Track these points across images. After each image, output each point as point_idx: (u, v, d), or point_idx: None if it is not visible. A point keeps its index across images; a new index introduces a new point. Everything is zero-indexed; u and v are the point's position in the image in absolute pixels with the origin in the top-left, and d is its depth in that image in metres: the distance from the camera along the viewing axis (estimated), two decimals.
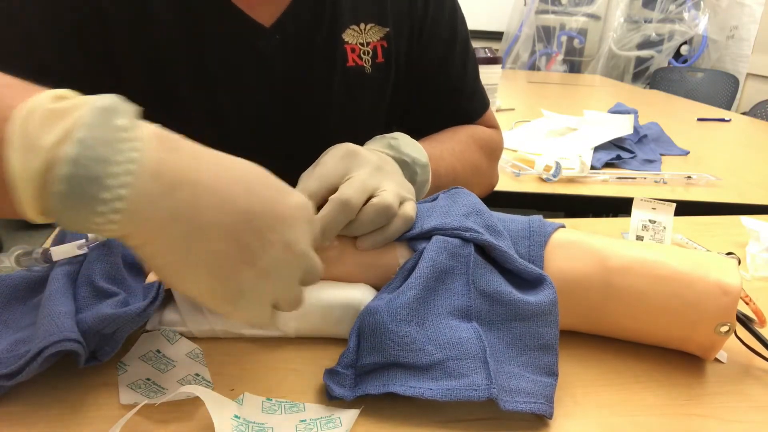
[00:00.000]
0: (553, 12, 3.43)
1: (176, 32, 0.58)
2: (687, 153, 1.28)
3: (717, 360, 0.47)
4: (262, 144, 0.64)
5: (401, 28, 0.68)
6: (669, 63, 3.28)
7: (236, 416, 0.36)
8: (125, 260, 0.45)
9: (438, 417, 0.39)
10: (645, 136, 1.28)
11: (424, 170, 0.58)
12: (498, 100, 1.63)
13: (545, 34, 3.46)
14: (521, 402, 0.38)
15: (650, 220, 0.68)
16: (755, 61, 3.03)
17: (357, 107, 0.69)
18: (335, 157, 0.49)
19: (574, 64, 3.50)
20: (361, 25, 0.66)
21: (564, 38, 3.44)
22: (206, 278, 0.32)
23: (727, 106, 2.77)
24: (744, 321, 0.46)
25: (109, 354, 0.41)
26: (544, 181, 1.03)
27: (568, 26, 3.42)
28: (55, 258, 0.42)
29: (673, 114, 1.88)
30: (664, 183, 1.06)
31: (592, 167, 1.10)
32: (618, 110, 1.44)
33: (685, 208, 0.74)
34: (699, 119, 1.76)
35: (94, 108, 0.29)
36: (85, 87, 0.54)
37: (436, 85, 0.73)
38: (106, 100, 0.30)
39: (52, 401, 0.39)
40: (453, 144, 0.69)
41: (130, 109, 0.31)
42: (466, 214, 0.47)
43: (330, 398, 0.40)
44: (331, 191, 0.46)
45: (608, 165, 1.15)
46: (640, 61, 3.33)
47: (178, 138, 0.32)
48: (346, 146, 0.50)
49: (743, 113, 2.39)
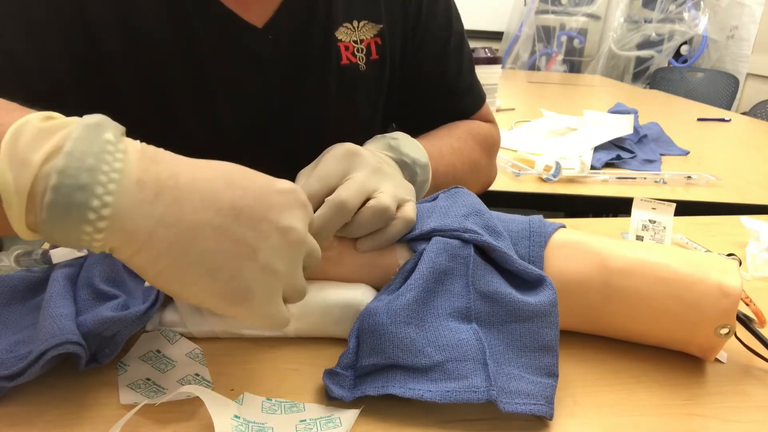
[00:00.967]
0: (553, 12, 3.43)
1: (167, 35, 0.57)
2: (687, 153, 1.28)
3: (717, 360, 0.47)
4: (259, 145, 0.65)
5: (395, 25, 0.68)
6: (669, 63, 3.28)
7: (236, 416, 0.36)
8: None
9: (438, 417, 0.39)
10: (645, 136, 1.28)
11: (425, 170, 0.58)
12: (498, 100, 1.63)
13: (545, 34, 3.46)
14: (521, 403, 0.38)
15: (650, 220, 0.68)
16: (755, 61, 3.03)
17: (353, 105, 0.69)
18: (335, 158, 0.48)
19: (574, 64, 3.50)
20: (354, 23, 0.65)
21: (564, 38, 3.44)
22: (207, 281, 0.32)
23: (727, 106, 2.77)
24: (744, 321, 0.46)
25: (109, 356, 0.41)
26: (544, 181, 1.03)
27: (568, 26, 3.42)
28: (54, 260, 0.42)
29: (673, 114, 1.88)
30: (664, 183, 1.06)
31: (592, 167, 1.10)
32: (618, 110, 1.44)
33: (685, 208, 0.74)
34: (699, 119, 1.76)
35: (82, 125, 0.30)
36: (76, 94, 0.55)
37: (432, 81, 0.73)
38: (94, 118, 0.31)
39: (52, 401, 0.39)
40: (451, 141, 0.69)
41: (116, 126, 0.32)
42: (466, 215, 0.47)
43: (329, 398, 0.40)
44: (330, 191, 0.46)
45: (608, 165, 1.15)
46: (640, 61, 3.33)
47: (160, 151, 0.33)
48: (347, 146, 0.50)
49: (743, 113, 2.39)
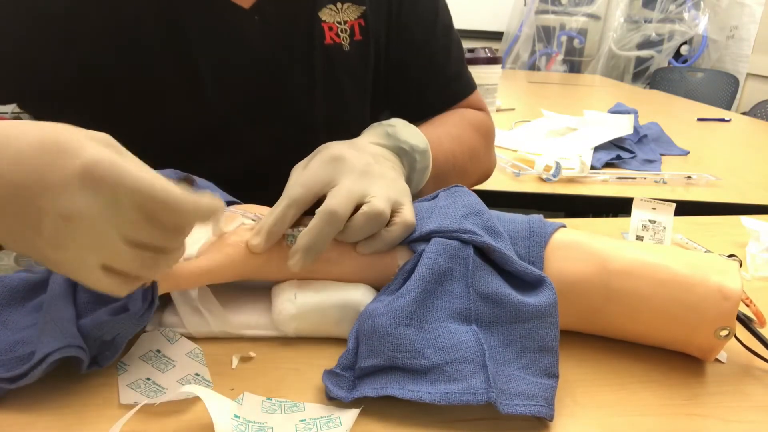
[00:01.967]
0: (553, 12, 3.43)
1: (153, 16, 0.58)
2: (687, 153, 1.28)
3: (717, 360, 0.47)
4: (247, 125, 0.67)
5: (379, 7, 0.70)
6: (669, 63, 3.28)
7: (236, 416, 0.36)
8: None
9: (438, 417, 0.39)
10: (645, 136, 1.28)
11: (424, 156, 0.57)
12: (498, 100, 1.63)
13: (545, 34, 3.46)
14: (521, 405, 0.38)
15: (650, 220, 0.68)
16: (755, 61, 3.03)
17: (339, 88, 0.71)
18: (320, 162, 0.48)
19: (574, 64, 3.50)
20: (338, 5, 0.67)
21: (564, 38, 3.44)
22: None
23: (727, 106, 2.77)
24: (744, 322, 0.46)
25: (109, 359, 0.41)
26: (544, 181, 1.03)
27: (568, 26, 3.42)
28: None
29: (673, 114, 1.88)
30: (664, 183, 1.06)
31: (592, 167, 1.10)
32: (618, 110, 1.44)
33: (685, 208, 0.74)
34: (699, 119, 1.76)
35: None
36: (63, 78, 0.58)
37: (420, 65, 0.74)
38: None
39: (52, 401, 0.39)
40: (449, 128, 0.68)
41: None
42: (465, 215, 0.47)
43: (329, 398, 0.40)
44: (315, 198, 0.46)
45: (608, 165, 1.15)
46: (640, 61, 3.33)
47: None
48: (331, 151, 0.49)
49: (743, 113, 2.39)
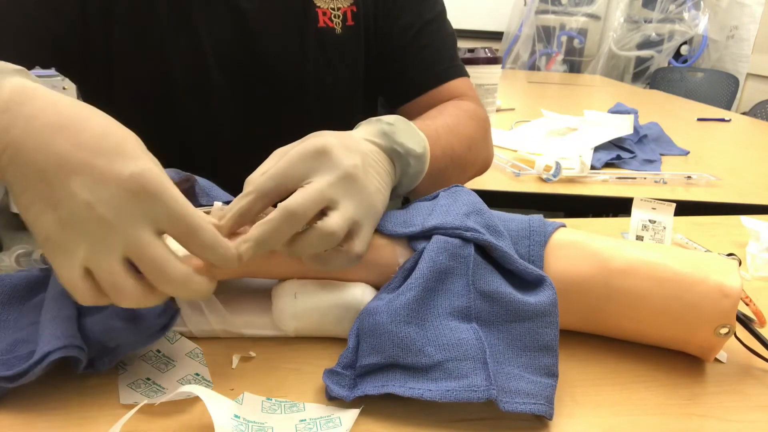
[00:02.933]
0: (553, 12, 3.43)
1: None
2: (687, 153, 1.28)
3: (717, 360, 0.47)
4: (242, 107, 0.71)
5: None
6: (669, 63, 3.28)
7: (236, 416, 0.36)
8: None
9: (438, 417, 0.39)
10: (645, 136, 1.28)
11: (419, 161, 0.53)
12: (498, 100, 1.63)
13: (545, 34, 3.46)
14: (521, 403, 0.38)
15: (650, 220, 0.68)
16: (755, 61, 3.03)
17: (331, 72, 0.74)
18: (301, 154, 0.43)
19: (574, 64, 3.50)
20: None
21: (564, 38, 3.44)
22: (25, 215, 0.34)
23: (727, 106, 2.77)
24: (744, 321, 0.46)
25: (107, 365, 0.41)
26: (544, 181, 1.03)
27: (568, 26, 3.42)
28: None
29: (673, 114, 1.88)
30: (664, 183, 1.06)
31: (592, 167, 1.10)
32: (618, 110, 1.43)
33: (685, 208, 0.74)
34: (699, 119, 1.75)
35: None
36: (75, 51, 0.65)
37: (406, 45, 0.76)
38: None
39: (52, 401, 0.39)
40: (445, 119, 0.68)
41: (11, 71, 0.36)
42: (467, 214, 0.47)
43: (329, 398, 0.40)
44: (286, 193, 0.42)
45: (608, 165, 1.14)
46: (640, 61, 3.33)
47: (36, 88, 0.35)
48: (320, 141, 0.44)
49: (743, 113, 2.39)
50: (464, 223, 0.46)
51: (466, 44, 1.48)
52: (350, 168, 0.44)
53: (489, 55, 1.49)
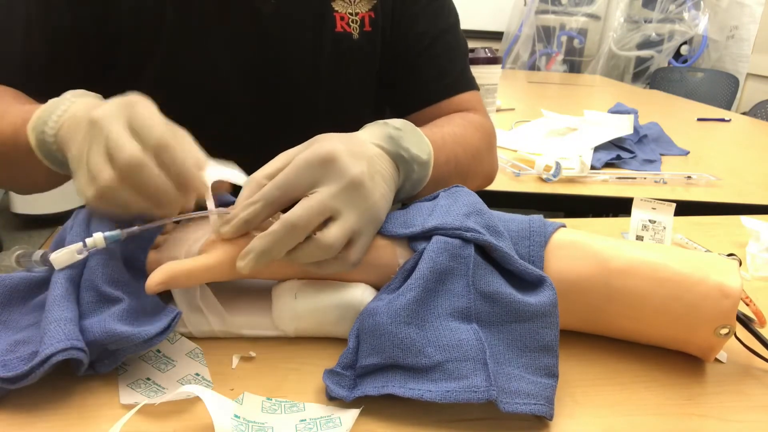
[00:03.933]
0: (553, 12, 3.43)
1: None
2: (687, 153, 1.28)
3: (717, 360, 0.47)
4: (256, 105, 0.72)
5: (386, 2, 0.74)
6: (669, 63, 3.28)
7: (236, 416, 0.36)
8: (126, 263, 0.45)
9: (438, 417, 0.39)
10: (645, 136, 1.28)
11: (423, 168, 0.54)
12: (498, 100, 1.63)
13: (545, 34, 3.46)
14: (521, 403, 0.38)
15: (650, 220, 0.68)
16: (755, 61, 3.03)
17: (345, 76, 0.74)
18: (308, 162, 0.43)
19: (574, 64, 3.50)
20: None
21: (564, 38, 3.44)
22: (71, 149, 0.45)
23: (727, 106, 2.77)
24: (744, 321, 0.46)
25: (107, 367, 0.41)
26: (544, 181, 1.03)
27: (568, 26, 3.42)
28: (56, 267, 0.42)
29: (673, 114, 1.88)
30: (664, 183, 1.06)
31: (592, 167, 1.10)
32: (618, 110, 1.44)
33: (685, 208, 0.74)
34: (699, 119, 1.76)
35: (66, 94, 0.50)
36: (89, 53, 0.68)
37: (418, 55, 0.76)
38: (78, 92, 0.51)
39: (53, 401, 0.39)
40: (453, 128, 0.68)
41: (81, 94, 0.50)
42: (467, 214, 0.47)
43: (329, 398, 0.40)
44: (290, 201, 0.43)
45: (608, 165, 1.15)
46: (640, 61, 3.33)
47: (100, 104, 0.44)
48: (326, 149, 0.44)
49: (743, 113, 2.39)
50: (464, 223, 0.46)
51: None
52: (356, 176, 0.44)
53: (489, 55, 1.49)
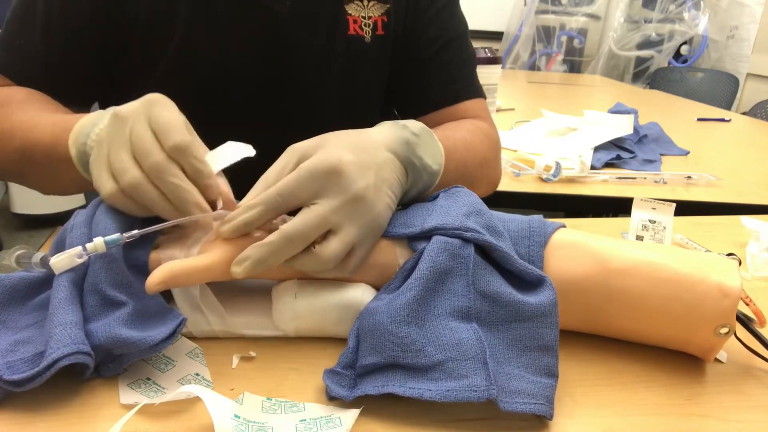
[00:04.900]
0: (553, 12, 3.43)
1: None
2: (687, 153, 1.28)
3: (717, 360, 0.47)
4: (266, 104, 0.73)
5: (399, 7, 0.74)
6: (669, 63, 3.28)
7: (236, 416, 0.36)
8: (129, 263, 0.45)
9: (438, 416, 0.39)
10: (645, 136, 1.28)
11: (431, 177, 0.53)
12: (498, 100, 1.63)
13: (545, 34, 3.46)
14: (521, 403, 0.38)
15: (650, 220, 0.68)
16: (755, 61, 3.03)
17: (356, 78, 0.75)
18: (311, 171, 0.43)
19: (574, 64, 3.50)
20: (364, 1, 0.73)
21: (564, 38, 3.45)
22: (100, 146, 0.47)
23: (727, 106, 2.77)
24: (744, 321, 0.46)
25: (112, 371, 0.41)
26: (544, 181, 1.03)
27: (568, 26, 3.43)
28: (55, 271, 0.42)
29: (673, 114, 1.88)
30: (664, 183, 1.06)
31: (592, 167, 1.10)
32: (618, 110, 1.44)
33: (685, 208, 0.74)
34: (699, 119, 1.76)
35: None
36: (102, 53, 0.69)
37: (427, 60, 0.76)
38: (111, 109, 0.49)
39: (53, 401, 0.39)
40: (464, 133, 0.68)
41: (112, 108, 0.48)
42: (467, 214, 0.47)
43: (329, 398, 0.40)
44: (290, 209, 0.44)
45: (608, 165, 1.15)
46: (640, 61, 3.33)
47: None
48: (335, 161, 0.43)
49: (743, 113, 2.39)
50: (464, 223, 0.46)
51: None
52: (359, 191, 0.44)
53: (489, 55, 1.48)
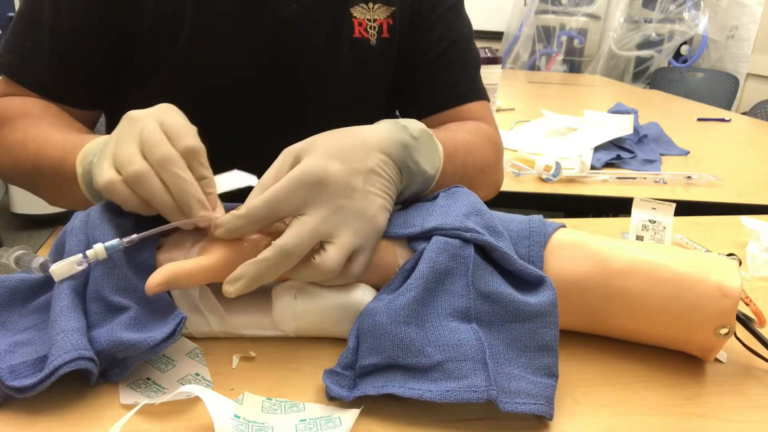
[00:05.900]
0: (553, 12, 3.43)
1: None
2: (687, 153, 1.28)
3: (717, 360, 0.47)
4: (270, 106, 0.73)
5: (405, 8, 0.75)
6: (669, 63, 3.28)
7: (236, 416, 0.36)
8: (133, 265, 0.45)
9: (438, 416, 0.39)
10: (645, 136, 1.28)
11: (426, 181, 0.53)
12: (498, 100, 1.63)
13: (545, 34, 3.46)
14: (521, 403, 0.38)
15: (650, 220, 0.68)
16: (755, 61, 3.03)
17: (361, 81, 0.75)
18: (298, 184, 0.43)
19: (574, 64, 3.50)
20: (369, 4, 0.73)
21: (564, 38, 3.45)
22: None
23: (727, 106, 2.77)
24: (744, 321, 0.46)
25: (118, 376, 0.41)
26: (544, 181, 1.03)
27: (568, 26, 3.43)
28: (55, 278, 0.42)
29: (673, 114, 1.88)
30: (664, 183, 1.06)
31: (592, 167, 1.10)
32: (618, 110, 1.44)
33: (685, 208, 0.74)
34: (699, 119, 1.76)
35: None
36: (110, 61, 0.70)
37: (431, 62, 0.76)
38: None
39: (53, 401, 0.39)
40: (465, 135, 0.68)
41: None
42: (467, 214, 0.47)
43: (329, 398, 0.40)
44: (275, 220, 0.43)
45: (608, 165, 1.15)
46: (640, 61, 3.33)
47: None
48: (321, 173, 0.43)
49: (743, 113, 2.39)
50: (464, 223, 0.46)
51: None
52: (346, 198, 0.44)
53: (489, 55, 1.48)
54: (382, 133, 0.49)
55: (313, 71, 0.73)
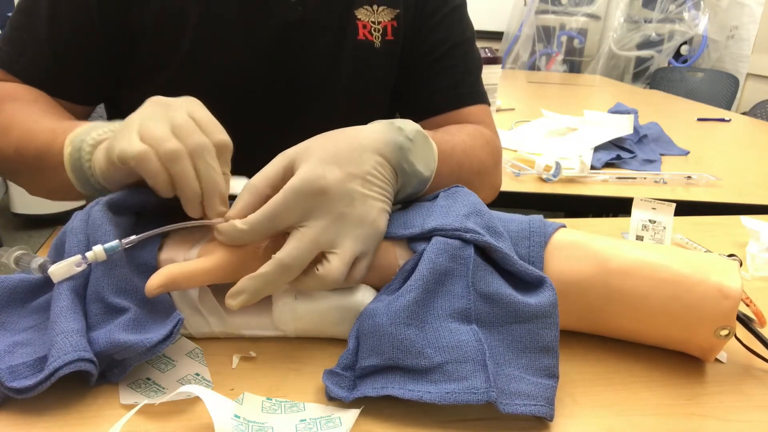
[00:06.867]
0: (553, 12, 3.43)
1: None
2: (687, 153, 1.28)
3: (717, 360, 0.47)
4: (273, 106, 0.73)
5: (408, 10, 0.75)
6: (669, 63, 3.28)
7: (236, 416, 0.36)
8: (136, 266, 0.45)
9: (438, 417, 0.39)
10: (645, 136, 1.28)
11: (421, 183, 0.51)
12: (498, 100, 1.63)
13: (545, 34, 3.46)
14: (521, 404, 0.38)
15: (650, 220, 0.68)
16: (755, 61, 3.03)
17: (364, 82, 0.75)
18: (297, 195, 0.42)
19: (574, 64, 3.50)
20: (374, 6, 0.73)
21: (564, 38, 3.45)
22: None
23: (727, 106, 2.77)
24: (744, 321, 0.46)
25: (118, 377, 0.41)
26: (544, 181, 1.03)
27: (568, 26, 3.42)
28: (54, 280, 0.42)
29: (673, 114, 1.88)
30: (664, 183, 1.06)
31: (592, 167, 1.10)
32: (618, 110, 1.44)
33: (685, 208, 0.74)
34: (699, 119, 1.76)
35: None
36: (112, 57, 0.70)
37: (433, 63, 0.76)
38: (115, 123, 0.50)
39: (52, 401, 0.39)
40: (463, 137, 0.68)
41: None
42: (467, 215, 0.47)
43: (329, 398, 0.40)
44: (276, 231, 0.43)
45: (608, 165, 1.15)
46: (640, 61, 3.33)
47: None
48: (320, 184, 0.43)
49: (743, 113, 2.39)
50: (464, 224, 0.46)
51: None
52: (345, 206, 0.44)
53: (489, 55, 1.49)
54: (378, 135, 0.48)
55: (316, 73, 0.73)
